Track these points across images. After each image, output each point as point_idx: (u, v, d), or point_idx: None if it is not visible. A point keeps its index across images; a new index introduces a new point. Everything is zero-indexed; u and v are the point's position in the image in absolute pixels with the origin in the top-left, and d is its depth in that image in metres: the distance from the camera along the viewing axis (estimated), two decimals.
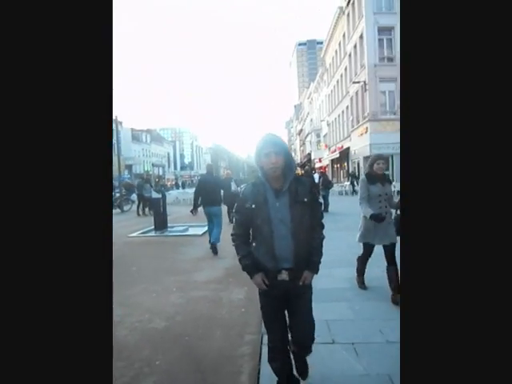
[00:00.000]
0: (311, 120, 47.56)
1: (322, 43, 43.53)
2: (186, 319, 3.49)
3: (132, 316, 3.59)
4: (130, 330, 3.26)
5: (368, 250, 3.81)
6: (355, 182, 20.41)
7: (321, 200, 10.05)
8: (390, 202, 3.64)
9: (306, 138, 52.42)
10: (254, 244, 1.92)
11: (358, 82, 21.25)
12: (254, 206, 1.83)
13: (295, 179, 1.88)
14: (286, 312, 2.02)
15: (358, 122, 23.39)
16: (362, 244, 3.83)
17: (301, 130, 62.43)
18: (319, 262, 1.95)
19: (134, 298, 4.14)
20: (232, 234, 1.99)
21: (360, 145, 22.57)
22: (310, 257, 1.90)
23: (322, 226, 2.00)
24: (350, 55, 24.59)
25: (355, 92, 23.35)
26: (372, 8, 20.27)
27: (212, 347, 2.85)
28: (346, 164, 28.36)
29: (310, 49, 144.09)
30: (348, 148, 26.62)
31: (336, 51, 29.73)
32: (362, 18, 20.89)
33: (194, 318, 3.49)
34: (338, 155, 29.87)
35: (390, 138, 19.48)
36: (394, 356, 2.28)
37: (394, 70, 20.14)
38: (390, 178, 4.30)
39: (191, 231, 9.12)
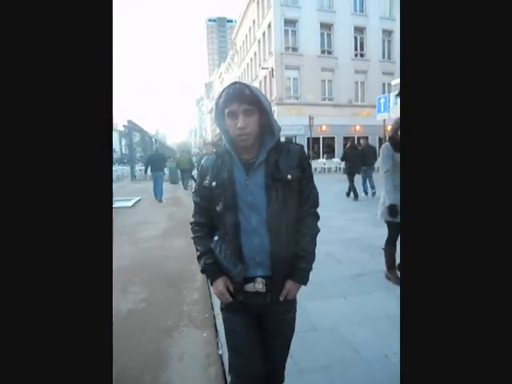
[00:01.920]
0: None
1: (232, 21, 44.07)
2: (144, 257, 4.67)
3: None
4: None
5: (396, 230, 3.10)
6: None
7: None
8: None
9: None
10: (215, 238, 1.32)
11: (266, 68, 23.10)
12: (214, 183, 1.26)
13: (276, 147, 1.27)
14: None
15: None
16: (385, 223, 3.23)
17: (211, 109, 62.89)
18: (310, 269, 1.35)
19: None
20: (191, 223, 1.41)
21: None
22: (296, 261, 1.31)
23: (317, 217, 1.37)
24: (259, 41, 26.25)
25: (264, 77, 25.24)
26: (279, 0, 22.06)
27: (171, 267, 4.14)
28: None
29: (221, 26, 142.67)
30: None
31: (246, 35, 31.13)
32: (270, 9, 22.55)
33: (150, 257, 4.69)
34: None
35: (294, 121, 21.98)
36: None
37: (298, 59, 22.51)
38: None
39: (120, 204, 9.81)
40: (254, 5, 26.71)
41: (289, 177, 1.27)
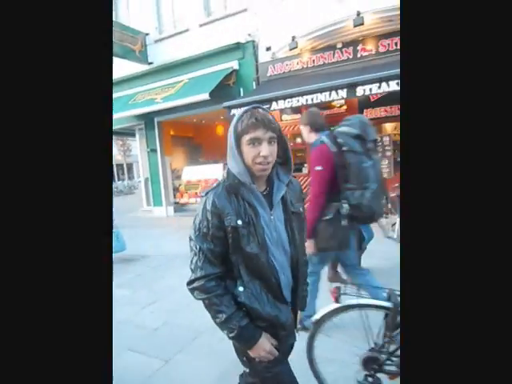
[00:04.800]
0: None
1: None
2: None
3: None
4: None
5: None
6: None
7: None
8: None
9: None
10: (241, 289, 1.18)
11: None
12: (239, 222, 1.14)
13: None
14: None
15: None
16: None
17: None
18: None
19: None
20: (196, 280, 1.18)
21: None
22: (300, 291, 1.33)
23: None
24: None
25: None
26: None
27: None
28: None
29: None
30: None
31: None
32: None
33: None
34: None
35: None
36: None
37: None
38: None
39: None
40: None
41: (301, 209, 1.30)
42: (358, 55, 6.95)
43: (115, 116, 8.98)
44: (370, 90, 5.70)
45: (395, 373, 1.68)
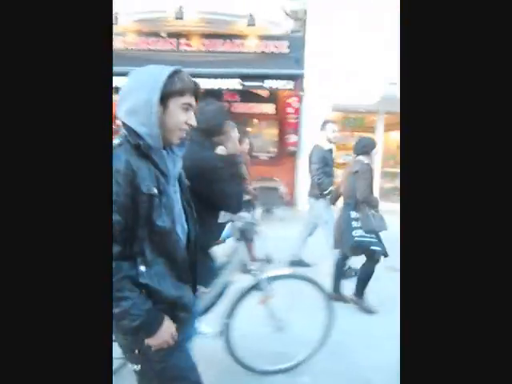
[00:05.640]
0: None
1: None
2: None
3: None
4: None
5: None
6: None
7: None
8: None
9: None
10: (142, 268, 1.00)
11: None
12: (155, 190, 0.97)
13: None
14: None
15: None
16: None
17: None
18: None
19: None
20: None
21: None
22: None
23: None
24: None
25: None
26: None
27: None
28: None
29: None
30: None
31: None
32: None
33: None
34: None
35: None
36: None
37: None
38: None
39: None
40: None
41: (187, 181, 1.16)
42: (181, 48, 7.23)
43: None
44: None
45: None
